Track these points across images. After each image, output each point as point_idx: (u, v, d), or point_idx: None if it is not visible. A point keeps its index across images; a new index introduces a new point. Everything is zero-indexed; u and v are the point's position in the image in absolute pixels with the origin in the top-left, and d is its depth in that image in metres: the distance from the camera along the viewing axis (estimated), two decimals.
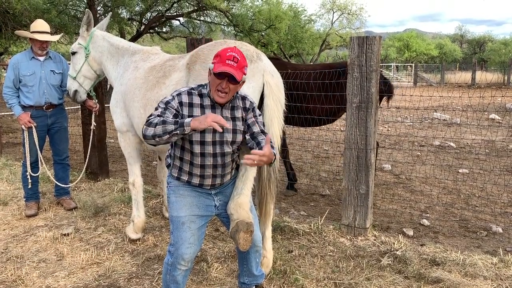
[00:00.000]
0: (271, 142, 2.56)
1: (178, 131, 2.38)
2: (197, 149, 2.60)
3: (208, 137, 2.60)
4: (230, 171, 2.79)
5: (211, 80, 2.54)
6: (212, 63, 2.52)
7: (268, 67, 3.24)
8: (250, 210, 2.84)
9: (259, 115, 2.79)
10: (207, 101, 2.61)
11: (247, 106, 2.73)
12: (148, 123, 2.46)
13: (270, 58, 5.96)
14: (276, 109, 3.17)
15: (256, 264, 3.01)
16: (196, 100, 2.60)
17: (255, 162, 2.37)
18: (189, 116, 2.55)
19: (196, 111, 2.58)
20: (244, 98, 2.75)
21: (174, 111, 2.54)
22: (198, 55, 3.38)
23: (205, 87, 2.64)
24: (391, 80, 6.13)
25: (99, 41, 4.42)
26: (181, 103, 2.57)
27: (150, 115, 2.52)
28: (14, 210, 5.12)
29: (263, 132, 2.73)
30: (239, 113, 2.68)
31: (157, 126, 2.40)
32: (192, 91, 2.62)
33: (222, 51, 2.50)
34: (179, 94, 2.60)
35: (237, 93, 2.72)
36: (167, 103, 2.56)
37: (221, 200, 2.84)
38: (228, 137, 2.64)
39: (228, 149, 2.67)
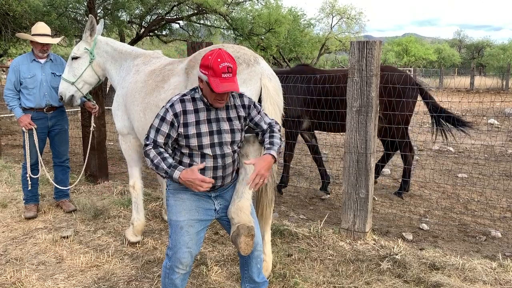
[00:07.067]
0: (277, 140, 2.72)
1: (168, 179, 2.58)
2: (196, 152, 2.61)
3: (206, 140, 2.60)
4: (230, 173, 2.78)
5: (207, 91, 2.54)
6: (203, 73, 2.49)
7: (266, 71, 3.25)
8: (251, 214, 2.84)
9: (261, 108, 2.84)
10: (200, 105, 2.62)
11: (246, 103, 2.74)
12: (146, 153, 2.60)
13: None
14: (274, 112, 3.18)
15: (257, 270, 2.99)
16: (189, 106, 2.60)
17: (260, 182, 2.56)
18: (184, 124, 2.57)
19: (191, 117, 2.58)
20: (241, 95, 2.76)
21: (166, 132, 2.57)
22: (196, 60, 3.38)
23: (197, 91, 2.64)
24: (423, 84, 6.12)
25: (103, 46, 4.44)
26: (175, 115, 2.57)
27: (147, 136, 2.61)
28: (14, 212, 5.11)
29: (270, 125, 2.81)
30: (234, 113, 2.69)
31: (152, 164, 2.56)
32: (184, 97, 2.62)
33: (214, 62, 2.44)
34: (172, 106, 2.59)
35: (232, 92, 2.72)
36: (162, 119, 2.58)
37: (221, 204, 2.83)
38: (227, 137, 2.65)
39: (228, 149, 2.67)
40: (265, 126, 2.80)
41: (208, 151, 2.62)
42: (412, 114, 5.95)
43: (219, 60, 2.45)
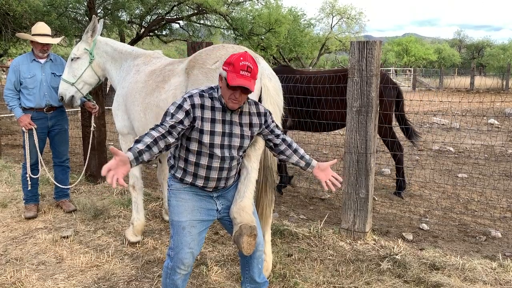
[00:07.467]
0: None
1: None
2: (206, 150, 2.61)
3: (218, 140, 2.61)
4: (234, 175, 2.80)
5: (223, 88, 2.55)
6: (224, 69, 2.52)
7: (266, 71, 3.25)
8: (253, 213, 2.85)
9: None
10: (217, 104, 2.62)
11: (262, 110, 2.78)
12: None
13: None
14: (274, 112, 3.18)
15: (258, 271, 3.00)
16: (208, 102, 2.60)
17: (333, 181, 2.88)
18: (201, 118, 2.57)
19: (207, 113, 2.59)
20: (256, 103, 2.79)
21: (180, 118, 2.52)
22: (196, 60, 3.38)
23: (215, 90, 2.65)
24: (399, 85, 6.17)
25: (103, 46, 4.44)
26: (193, 105, 2.56)
27: (162, 122, 2.55)
28: (14, 212, 5.11)
29: (284, 133, 2.94)
30: (247, 119, 2.71)
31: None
32: (203, 93, 2.63)
33: (235, 59, 2.49)
34: (190, 96, 2.59)
35: (248, 98, 2.76)
36: (179, 106, 2.55)
37: (223, 204, 2.83)
38: (236, 141, 2.67)
39: (235, 153, 2.69)
40: (279, 132, 2.89)
41: (217, 151, 2.62)
42: (392, 113, 5.94)
43: (241, 58, 2.49)
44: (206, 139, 2.59)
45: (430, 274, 3.54)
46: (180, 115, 2.52)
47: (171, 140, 2.50)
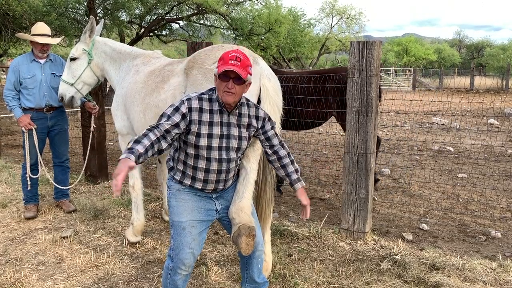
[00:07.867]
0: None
1: None
2: (203, 153, 2.60)
3: (215, 142, 2.60)
4: (232, 177, 2.80)
5: (218, 84, 2.55)
6: (217, 67, 2.54)
7: (265, 71, 3.24)
8: (252, 214, 2.85)
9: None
10: (216, 106, 2.61)
11: (261, 115, 2.76)
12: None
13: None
14: (273, 112, 3.18)
15: (258, 271, 3.00)
16: (206, 105, 2.60)
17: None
18: (199, 121, 2.56)
19: (205, 116, 2.58)
20: (257, 107, 2.78)
21: (176, 121, 2.51)
22: (195, 60, 3.38)
23: (214, 91, 2.65)
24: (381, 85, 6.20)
25: (102, 46, 4.44)
26: (190, 109, 2.55)
27: (158, 125, 2.53)
28: (13, 213, 5.11)
29: (282, 145, 2.89)
30: (245, 121, 2.70)
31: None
32: (203, 96, 2.63)
33: (225, 54, 2.53)
34: (189, 99, 2.59)
35: (248, 101, 2.75)
36: (176, 109, 2.54)
37: (222, 204, 2.84)
38: (234, 143, 2.66)
39: (233, 155, 2.68)
40: (276, 142, 2.86)
41: (215, 154, 2.62)
42: None
43: (231, 52, 2.53)
44: (203, 142, 2.58)
45: (430, 274, 3.54)
46: (177, 118, 2.52)
47: (164, 145, 2.50)
